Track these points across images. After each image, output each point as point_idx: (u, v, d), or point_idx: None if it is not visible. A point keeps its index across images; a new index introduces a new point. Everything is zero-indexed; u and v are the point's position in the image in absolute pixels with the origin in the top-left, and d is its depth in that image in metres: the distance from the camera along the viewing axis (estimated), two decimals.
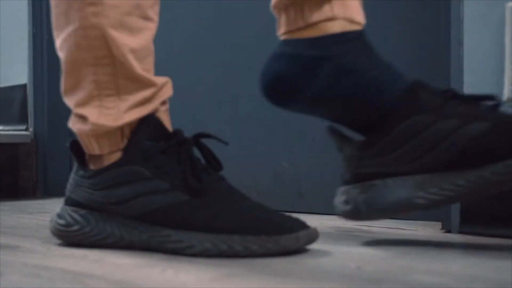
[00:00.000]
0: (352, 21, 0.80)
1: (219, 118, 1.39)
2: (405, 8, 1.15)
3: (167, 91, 0.82)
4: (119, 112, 0.77)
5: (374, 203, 0.76)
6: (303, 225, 0.75)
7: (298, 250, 0.75)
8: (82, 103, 0.79)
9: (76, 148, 0.82)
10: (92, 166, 0.80)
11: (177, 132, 0.80)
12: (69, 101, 0.81)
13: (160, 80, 0.81)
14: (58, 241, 0.84)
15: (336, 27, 0.78)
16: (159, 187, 0.75)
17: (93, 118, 0.77)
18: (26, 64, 1.75)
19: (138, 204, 0.76)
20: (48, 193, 1.69)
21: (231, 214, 0.74)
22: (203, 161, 0.80)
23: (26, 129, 1.75)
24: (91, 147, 0.79)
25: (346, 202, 0.78)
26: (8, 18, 1.82)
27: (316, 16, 0.78)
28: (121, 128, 0.78)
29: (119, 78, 0.77)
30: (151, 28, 0.81)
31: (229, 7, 1.38)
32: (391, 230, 0.96)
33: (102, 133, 0.78)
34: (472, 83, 1.00)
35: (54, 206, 1.15)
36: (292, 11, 0.80)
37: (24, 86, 1.76)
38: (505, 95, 0.96)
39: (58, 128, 1.72)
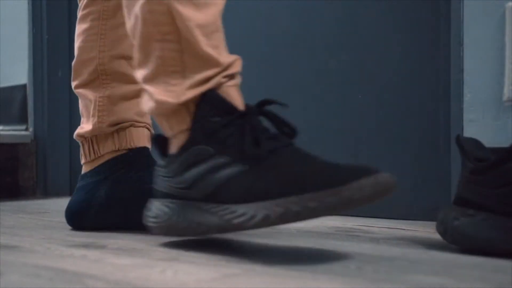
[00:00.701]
0: (127, 148, 0.98)
1: None
2: (405, 8, 1.15)
3: (233, 69, 0.79)
4: (182, 89, 0.76)
5: (465, 235, 0.74)
6: (368, 171, 0.67)
7: (298, 250, 0.75)
8: (148, 79, 0.78)
9: (158, 140, 0.82)
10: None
11: (244, 105, 0.77)
12: (139, 76, 0.80)
13: (226, 59, 0.78)
14: (58, 241, 0.84)
15: (116, 154, 0.98)
16: (220, 162, 0.73)
17: (157, 95, 0.77)
18: (26, 64, 1.75)
19: (205, 183, 0.73)
20: (48, 193, 1.69)
21: (288, 176, 0.69)
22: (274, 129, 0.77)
23: (26, 129, 1.75)
24: (163, 127, 0.79)
25: (441, 222, 0.78)
26: (8, 18, 1.82)
27: (104, 149, 0.98)
28: (186, 106, 0.76)
29: (184, 54, 0.76)
30: (219, 3, 0.80)
31: (229, 7, 1.38)
32: (391, 230, 0.96)
33: (169, 112, 0.77)
34: (472, 83, 1.00)
35: (54, 206, 1.15)
36: (87, 146, 0.99)
37: (24, 86, 1.76)
38: (505, 95, 0.96)
39: (58, 128, 1.72)
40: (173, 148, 0.79)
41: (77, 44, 1.01)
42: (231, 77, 0.79)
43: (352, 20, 1.22)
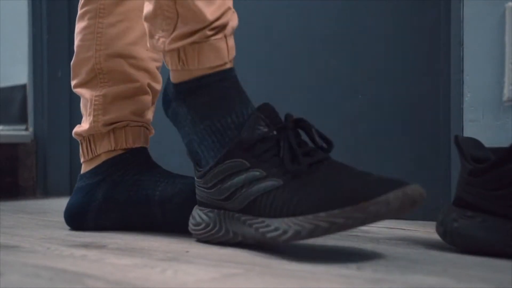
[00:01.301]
0: (123, 148, 0.98)
1: None
2: (405, 8, 1.15)
3: (221, 20, 0.80)
4: (169, 39, 0.79)
5: (464, 237, 0.74)
6: (397, 184, 0.67)
7: (299, 250, 0.75)
8: (149, 18, 0.81)
9: (192, 152, 0.83)
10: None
11: (284, 118, 0.78)
12: (145, 10, 0.83)
13: (214, 13, 0.79)
14: (58, 241, 0.84)
15: (113, 154, 0.98)
16: (256, 176, 0.75)
17: (149, 35, 0.81)
18: (26, 64, 1.75)
19: (241, 196, 0.75)
20: (48, 193, 1.69)
21: (319, 193, 0.70)
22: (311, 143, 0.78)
23: (26, 129, 1.75)
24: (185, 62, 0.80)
25: (440, 223, 0.77)
26: (8, 18, 1.82)
27: (100, 149, 0.98)
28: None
29: (177, 3, 0.78)
30: None
31: None
32: (391, 230, 0.96)
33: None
34: (472, 83, 1.00)
35: (54, 206, 1.15)
36: (84, 145, 1.00)
37: (24, 86, 1.76)
38: (505, 95, 0.96)
39: (58, 128, 1.72)
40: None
41: (75, 43, 1.01)
42: (219, 29, 0.79)
43: (352, 20, 1.22)
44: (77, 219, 0.97)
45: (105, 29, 0.99)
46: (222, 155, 0.77)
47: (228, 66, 0.81)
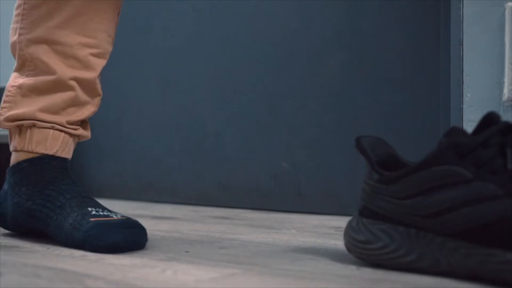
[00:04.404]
0: (30, 151, 0.86)
1: (219, 118, 1.39)
2: (405, 8, 1.15)
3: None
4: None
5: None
6: None
7: (298, 250, 0.74)
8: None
9: (362, 147, 0.68)
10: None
11: (493, 117, 0.61)
12: None
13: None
14: (58, 241, 0.84)
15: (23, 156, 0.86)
16: (486, 192, 0.58)
17: None
18: None
19: (459, 216, 0.59)
20: None
21: None
22: None
23: None
24: None
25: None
26: (8, 18, 1.82)
27: (11, 147, 0.88)
28: None
29: None
30: None
31: (229, 7, 1.38)
32: None
33: None
34: (472, 83, 1.00)
35: None
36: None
37: None
38: (505, 95, 0.96)
39: None
40: None
41: None
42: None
43: (352, 20, 1.22)
44: (2, 219, 0.88)
45: (28, 10, 0.88)
46: (428, 158, 0.62)
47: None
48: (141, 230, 0.79)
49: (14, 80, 0.89)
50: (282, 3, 1.30)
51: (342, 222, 1.06)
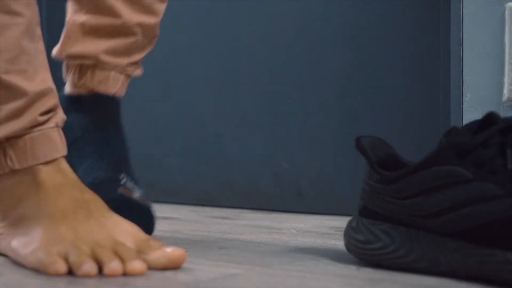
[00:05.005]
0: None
1: (219, 118, 1.39)
2: (405, 8, 1.15)
3: (47, 102, 0.70)
4: None
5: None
6: None
7: (298, 250, 0.74)
8: None
9: (362, 147, 0.69)
10: None
11: (493, 117, 0.61)
12: None
13: (36, 87, 0.68)
14: None
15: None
16: (486, 192, 0.58)
17: None
18: None
19: (459, 216, 0.59)
20: None
21: None
22: None
23: None
24: None
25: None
26: None
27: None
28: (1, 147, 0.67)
29: None
30: (19, 23, 0.68)
31: (229, 7, 1.38)
32: None
33: None
34: (472, 83, 1.00)
35: None
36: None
37: None
38: (505, 95, 0.96)
39: None
40: None
41: None
42: (47, 113, 0.70)
43: (352, 20, 1.22)
44: None
45: None
46: (428, 158, 0.61)
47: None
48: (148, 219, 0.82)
49: (74, 14, 0.89)
50: (282, 3, 1.30)
51: (342, 222, 1.05)
